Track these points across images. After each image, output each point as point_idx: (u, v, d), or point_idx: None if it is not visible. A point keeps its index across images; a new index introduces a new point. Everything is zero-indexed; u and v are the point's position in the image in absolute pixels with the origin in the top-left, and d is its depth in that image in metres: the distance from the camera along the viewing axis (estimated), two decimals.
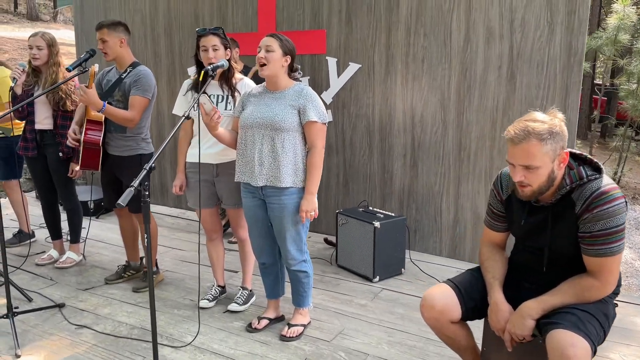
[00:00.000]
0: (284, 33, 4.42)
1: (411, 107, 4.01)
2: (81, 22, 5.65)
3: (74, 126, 3.32)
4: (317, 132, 2.63)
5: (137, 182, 1.87)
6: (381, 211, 3.80)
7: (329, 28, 4.26)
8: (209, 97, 2.64)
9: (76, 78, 3.43)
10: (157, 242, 3.65)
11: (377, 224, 3.51)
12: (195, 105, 2.92)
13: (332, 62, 4.29)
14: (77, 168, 3.71)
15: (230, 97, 2.96)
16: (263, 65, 2.62)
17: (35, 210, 4.99)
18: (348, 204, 4.37)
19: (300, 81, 2.75)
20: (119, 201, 1.80)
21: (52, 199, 3.88)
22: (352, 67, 4.19)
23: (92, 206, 5.19)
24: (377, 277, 3.60)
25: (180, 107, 3.09)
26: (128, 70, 3.27)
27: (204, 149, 2.99)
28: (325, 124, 2.65)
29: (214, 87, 2.98)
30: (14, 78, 3.43)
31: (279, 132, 2.60)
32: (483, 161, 3.81)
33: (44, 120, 3.63)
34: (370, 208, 4.00)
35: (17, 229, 4.43)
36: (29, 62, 3.60)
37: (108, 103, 3.13)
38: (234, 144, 2.83)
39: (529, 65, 3.54)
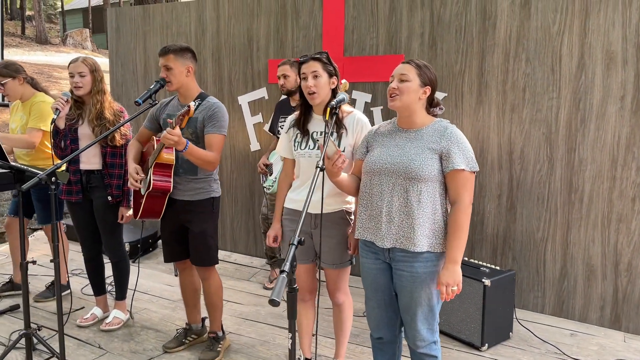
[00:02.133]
0: (353, 58, 3.97)
1: (509, 141, 3.50)
2: (116, 47, 5.18)
3: (134, 165, 2.80)
4: (465, 183, 2.08)
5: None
6: (484, 264, 3.25)
7: (408, 53, 3.78)
8: (331, 137, 2.12)
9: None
10: (222, 299, 3.09)
11: (487, 281, 2.97)
12: (306, 148, 2.45)
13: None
14: (129, 213, 3.19)
15: (335, 134, 2.46)
16: (395, 96, 2.12)
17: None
18: None
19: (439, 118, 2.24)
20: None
21: (97, 250, 3.34)
22: (438, 95, 3.69)
23: (127, 249, 4.65)
24: (486, 344, 3.04)
25: (285, 147, 2.62)
26: (196, 103, 2.76)
27: (304, 195, 2.49)
28: (474, 173, 2.12)
29: (316, 123, 2.49)
30: (57, 109, 2.92)
31: (414, 182, 2.07)
32: (599, 205, 3.28)
33: (91, 159, 3.12)
34: (465, 259, 3.46)
35: (50, 280, 3.89)
36: (71, 91, 3.11)
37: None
38: (356, 191, 2.32)
39: None
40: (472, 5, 3.51)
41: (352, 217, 2.53)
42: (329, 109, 2.12)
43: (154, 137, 2.82)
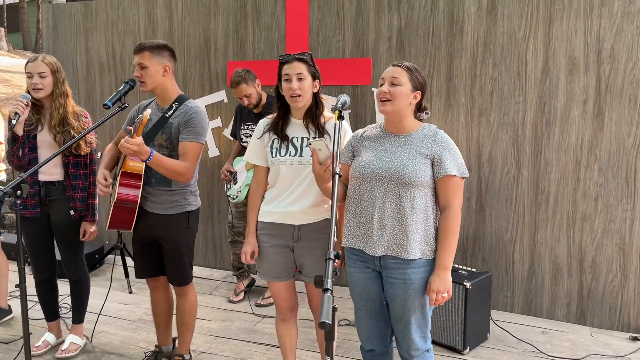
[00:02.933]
0: (319, 61, 3.86)
1: (477, 144, 3.55)
2: (53, 46, 4.75)
3: (103, 170, 2.54)
4: (455, 188, 2.04)
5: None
6: (461, 267, 3.26)
7: (376, 56, 3.74)
8: (325, 140, 2.01)
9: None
10: (195, 318, 2.87)
11: (467, 284, 2.98)
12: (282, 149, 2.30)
13: None
14: (93, 229, 2.90)
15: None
16: (386, 101, 2.04)
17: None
18: None
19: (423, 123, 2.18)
20: None
21: (51, 271, 3.00)
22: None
23: None
24: (468, 347, 3.04)
25: (257, 154, 2.41)
26: (174, 107, 2.55)
27: (284, 206, 2.33)
28: (464, 178, 2.08)
29: (296, 128, 2.35)
30: (16, 113, 2.59)
31: (407, 188, 2.00)
32: (564, 205, 3.40)
33: (51, 169, 2.80)
34: None
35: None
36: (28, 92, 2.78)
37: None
38: (342, 197, 2.21)
39: (619, 100, 3.21)
40: (440, 9, 3.53)
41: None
42: (336, 112, 2.01)
43: None
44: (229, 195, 3.69)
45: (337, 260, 2.38)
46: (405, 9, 3.62)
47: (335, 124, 2.01)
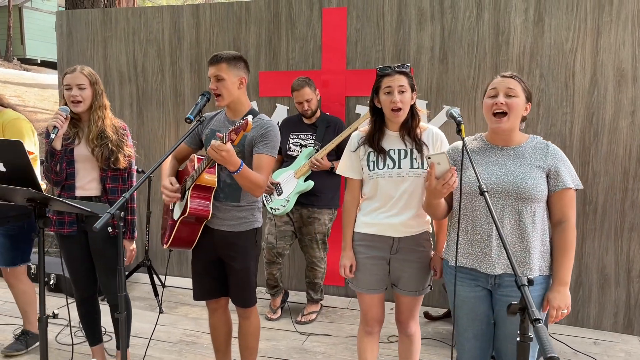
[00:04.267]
0: (357, 72, 3.82)
1: None
2: (68, 54, 4.54)
3: (169, 177, 2.42)
4: (571, 201, 2.00)
5: None
6: None
7: (417, 67, 3.70)
8: (444, 154, 1.93)
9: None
10: (258, 341, 2.74)
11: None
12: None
13: (420, 104, 3.71)
14: (132, 247, 2.74)
15: (415, 151, 2.27)
16: (501, 113, 1.99)
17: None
18: None
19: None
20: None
21: (92, 290, 2.82)
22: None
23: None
24: None
25: (352, 167, 2.36)
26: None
27: (384, 218, 2.28)
28: (576, 190, 2.05)
29: (392, 140, 2.29)
30: (54, 127, 2.41)
31: (527, 203, 1.95)
32: (612, 215, 3.41)
33: (87, 184, 2.62)
34: None
35: (19, 329, 3.24)
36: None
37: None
38: (447, 213, 2.15)
39: None
40: (485, 20, 3.52)
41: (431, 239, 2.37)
42: (462, 126, 1.94)
43: (195, 156, 2.44)
44: (271, 209, 3.57)
45: (435, 273, 2.36)
46: (448, 19, 3.59)
47: (462, 139, 1.94)
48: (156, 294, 3.92)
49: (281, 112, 4.03)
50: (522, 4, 3.44)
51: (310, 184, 3.49)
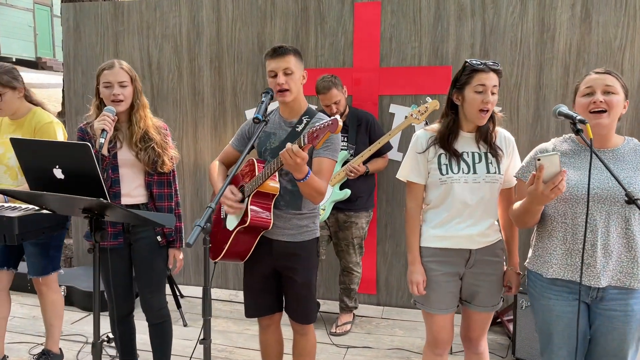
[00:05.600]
0: (391, 69, 3.65)
1: None
2: (75, 50, 4.24)
3: (231, 187, 2.20)
4: None
5: None
6: None
7: (457, 64, 3.54)
8: (557, 153, 1.75)
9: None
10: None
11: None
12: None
13: None
14: (181, 257, 2.50)
15: (490, 155, 2.10)
16: (600, 112, 1.83)
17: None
18: None
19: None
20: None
21: (131, 308, 2.57)
22: None
23: None
24: None
25: (418, 171, 2.14)
26: (304, 121, 2.23)
27: (460, 229, 2.08)
28: None
29: (465, 142, 2.11)
30: (103, 130, 2.15)
31: (635, 209, 1.80)
32: None
33: (134, 190, 2.37)
34: None
35: (35, 348, 2.97)
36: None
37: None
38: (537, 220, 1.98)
39: None
40: (529, 16, 3.38)
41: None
42: (588, 125, 1.76)
43: (255, 160, 2.21)
44: None
45: (510, 289, 2.19)
46: (490, 15, 3.45)
47: (590, 140, 1.77)
48: (178, 306, 3.67)
49: None
50: None
51: (347, 192, 3.30)
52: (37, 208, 2.23)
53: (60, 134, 2.65)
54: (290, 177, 2.19)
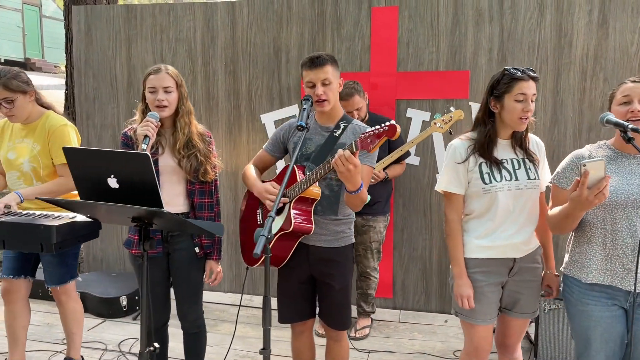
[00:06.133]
0: (408, 74, 3.66)
1: None
2: (86, 53, 4.20)
3: (271, 182, 2.23)
4: None
5: None
6: None
7: (474, 69, 3.57)
8: (602, 160, 1.76)
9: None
10: None
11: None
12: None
13: (477, 108, 3.56)
14: (219, 268, 2.48)
15: (527, 161, 2.12)
16: (638, 120, 1.87)
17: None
18: None
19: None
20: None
21: (166, 317, 2.54)
22: None
23: (124, 303, 3.77)
24: None
25: (459, 181, 2.13)
26: (341, 126, 2.23)
27: (505, 238, 2.09)
28: None
29: (502, 149, 2.12)
30: (145, 136, 2.12)
31: None
32: None
33: (174, 199, 2.33)
34: None
35: (55, 355, 2.93)
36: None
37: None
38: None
39: None
40: (547, 22, 3.42)
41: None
42: (623, 132, 1.79)
43: (296, 167, 2.20)
44: None
45: (550, 293, 2.20)
46: (508, 20, 3.48)
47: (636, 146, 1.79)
48: None
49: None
50: (585, 5, 3.36)
51: (368, 198, 3.30)
52: (70, 216, 2.20)
53: (74, 137, 2.61)
54: (328, 182, 2.19)
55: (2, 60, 18.00)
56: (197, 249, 2.37)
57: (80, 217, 2.15)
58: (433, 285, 3.83)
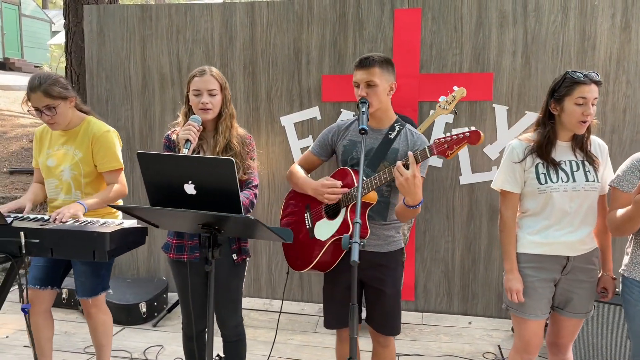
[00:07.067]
0: (431, 75, 3.66)
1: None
2: (98, 54, 4.09)
3: (326, 177, 2.18)
4: None
5: None
6: None
7: (498, 71, 3.58)
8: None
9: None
10: None
11: None
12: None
13: (501, 110, 3.60)
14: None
15: (587, 163, 2.13)
16: None
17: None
18: None
19: None
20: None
21: (204, 325, 2.48)
22: (530, 117, 3.55)
23: (144, 309, 3.69)
24: None
25: (515, 180, 2.16)
26: (397, 128, 2.20)
27: (559, 236, 2.12)
28: None
29: (562, 151, 2.14)
30: (187, 140, 2.08)
31: None
32: None
33: None
34: None
35: None
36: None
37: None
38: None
39: None
40: (570, 25, 3.45)
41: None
42: None
43: (351, 170, 2.16)
44: None
45: (605, 295, 2.22)
46: (532, 23, 3.50)
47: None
48: None
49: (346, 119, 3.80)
50: (608, 9, 3.40)
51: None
52: (117, 222, 2.14)
53: (117, 143, 2.55)
54: (378, 188, 2.16)
55: None
56: (234, 256, 2.31)
57: (128, 223, 2.09)
58: (455, 287, 3.83)
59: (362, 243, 1.49)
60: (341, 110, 3.83)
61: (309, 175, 2.39)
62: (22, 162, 5.74)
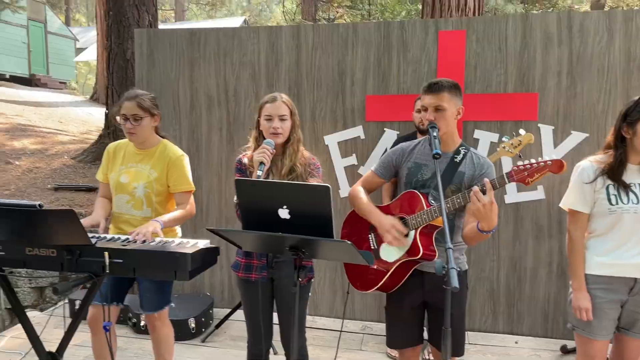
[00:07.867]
0: (476, 96, 3.72)
1: None
2: (148, 76, 4.23)
3: (394, 219, 2.20)
4: None
5: None
6: None
7: (543, 91, 3.62)
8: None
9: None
10: None
11: None
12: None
13: (546, 130, 3.64)
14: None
15: None
16: None
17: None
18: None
19: None
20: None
21: (268, 345, 2.53)
22: (576, 137, 3.58)
23: (193, 325, 3.75)
24: None
25: (585, 200, 2.23)
26: (462, 152, 2.25)
27: (628, 257, 2.16)
28: None
29: (632, 173, 2.19)
30: (261, 163, 2.17)
31: None
32: None
33: None
34: None
35: None
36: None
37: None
38: None
39: None
40: (616, 46, 3.49)
41: None
42: None
43: (420, 194, 2.21)
44: None
45: None
46: (577, 43, 3.54)
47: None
48: None
49: (390, 138, 3.87)
50: None
51: None
52: (192, 242, 2.21)
53: (189, 167, 2.66)
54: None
55: (8, 77, 18.05)
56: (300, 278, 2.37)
57: (202, 244, 2.17)
58: (501, 306, 3.84)
59: (458, 268, 1.53)
60: (384, 129, 3.89)
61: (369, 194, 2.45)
62: (65, 179, 5.90)
